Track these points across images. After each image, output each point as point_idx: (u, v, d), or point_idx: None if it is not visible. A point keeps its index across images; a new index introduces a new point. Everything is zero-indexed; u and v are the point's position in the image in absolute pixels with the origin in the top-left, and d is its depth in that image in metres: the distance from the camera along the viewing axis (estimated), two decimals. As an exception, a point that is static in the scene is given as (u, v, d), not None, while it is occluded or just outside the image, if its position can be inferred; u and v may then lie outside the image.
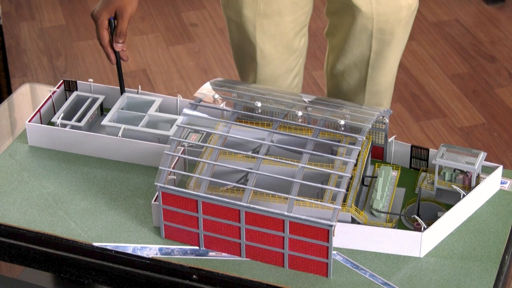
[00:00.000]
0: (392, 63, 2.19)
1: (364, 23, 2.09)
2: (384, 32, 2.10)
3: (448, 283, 1.67)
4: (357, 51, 2.15)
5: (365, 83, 2.19)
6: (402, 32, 2.14)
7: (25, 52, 3.77)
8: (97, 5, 1.97)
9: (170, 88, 3.54)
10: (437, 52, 3.72)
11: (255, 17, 2.10)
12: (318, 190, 1.78)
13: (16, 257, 1.83)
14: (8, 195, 1.87)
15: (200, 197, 1.69)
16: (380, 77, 2.19)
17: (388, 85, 2.23)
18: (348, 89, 2.22)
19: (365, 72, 2.17)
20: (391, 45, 2.14)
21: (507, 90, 3.49)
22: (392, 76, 2.22)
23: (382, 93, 2.23)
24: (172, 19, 3.98)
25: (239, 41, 2.17)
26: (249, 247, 1.71)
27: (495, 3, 4.00)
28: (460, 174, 1.82)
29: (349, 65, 2.18)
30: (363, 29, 2.10)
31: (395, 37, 2.12)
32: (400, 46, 2.17)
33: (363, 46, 2.13)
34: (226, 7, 2.14)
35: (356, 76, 2.19)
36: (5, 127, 2.17)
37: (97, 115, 2.05)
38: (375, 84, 2.20)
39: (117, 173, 1.92)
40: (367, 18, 2.08)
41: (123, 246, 1.75)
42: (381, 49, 2.14)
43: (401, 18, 2.10)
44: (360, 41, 2.13)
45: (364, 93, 2.21)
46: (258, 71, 2.18)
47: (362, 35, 2.11)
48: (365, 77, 2.18)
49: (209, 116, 1.79)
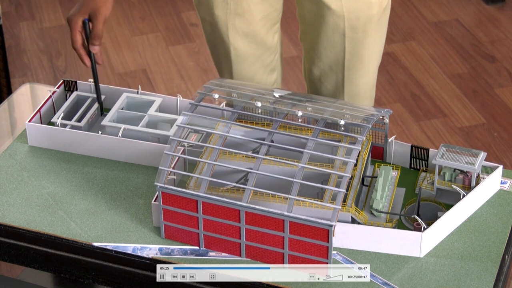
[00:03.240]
0: (368, 63, 2.17)
1: (335, 21, 2.08)
2: (357, 31, 2.10)
3: (448, 283, 1.67)
4: (331, 53, 2.14)
5: (343, 86, 2.18)
6: (375, 30, 2.12)
7: (25, 52, 3.77)
8: (72, 9, 1.97)
9: (170, 88, 3.54)
10: (437, 52, 3.72)
11: (226, 17, 2.11)
12: (318, 190, 1.78)
13: (16, 257, 1.83)
14: (8, 195, 1.87)
15: (200, 197, 1.69)
16: (358, 78, 2.18)
17: (367, 86, 2.21)
18: (327, 94, 2.22)
19: (342, 74, 2.17)
20: (365, 44, 2.13)
21: (507, 90, 3.49)
22: (370, 78, 2.20)
23: (361, 95, 2.21)
24: (172, 19, 3.98)
25: (213, 41, 2.18)
26: (249, 247, 1.71)
27: (495, 3, 4.00)
28: (460, 174, 1.82)
29: (325, 69, 2.18)
30: (335, 28, 2.09)
31: (368, 35, 2.11)
32: (375, 45, 2.16)
33: (337, 47, 2.13)
34: (199, 7, 2.16)
35: (333, 80, 2.19)
36: (5, 127, 2.17)
37: (97, 115, 2.05)
38: (353, 86, 2.19)
39: (117, 173, 1.92)
40: (337, 16, 2.07)
41: (123, 246, 1.75)
42: (355, 49, 2.13)
43: (373, 15, 2.09)
44: (333, 43, 2.12)
45: (343, 97, 2.20)
46: (233, 69, 2.19)
47: (334, 35, 2.11)
48: (342, 79, 2.17)
49: (209, 116, 1.79)
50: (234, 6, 2.09)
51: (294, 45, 3.71)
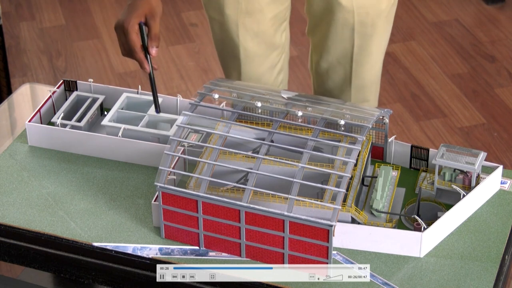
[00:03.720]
0: (376, 57, 2.18)
1: (345, 17, 2.09)
2: (366, 25, 2.10)
3: (448, 283, 1.67)
4: (340, 47, 2.15)
5: (351, 79, 2.19)
6: (383, 25, 2.13)
7: (25, 52, 3.77)
8: (122, 14, 1.88)
9: (170, 88, 3.54)
10: (437, 52, 3.72)
11: (237, 16, 2.10)
12: (318, 190, 1.78)
13: (16, 257, 1.83)
14: (8, 195, 1.87)
15: (200, 197, 1.69)
16: (365, 71, 2.19)
17: (373, 79, 2.22)
18: (334, 86, 2.22)
19: (350, 67, 2.17)
20: (374, 38, 2.14)
21: (507, 90, 3.49)
22: (377, 70, 2.22)
23: (368, 87, 2.22)
24: (172, 19, 3.98)
25: (222, 40, 2.17)
26: (249, 247, 1.71)
27: (495, 3, 4.00)
28: (460, 174, 1.82)
29: (333, 62, 2.18)
30: (345, 24, 2.10)
31: (376, 29, 2.12)
32: (383, 39, 2.17)
33: (346, 41, 2.13)
34: (208, 6, 2.14)
35: (341, 73, 2.19)
36: (5, 127, 2.17)
37: (97, 115, 2.05)
38: (361, 79, 2.19)
39: (117, 173, 1.92)
40: (347, 12, 2.08)
41: (123, 246, 1.75)
42: (364, 43, 2.14)
43: (382, 10, 2.10)
44: (342, 37, 2.13)
45: (350, 89, 2.21)
46: (242, 69, 2.18)
47: (344, 30, 2.11)
48: (350, 72, 2.18)
49: (209, 116, 1.79)
50: (245, 5, 2.09)
51: (294, 45, 3.71)
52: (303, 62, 3.63)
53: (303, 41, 3.71)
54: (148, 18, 1.88)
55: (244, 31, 2.13)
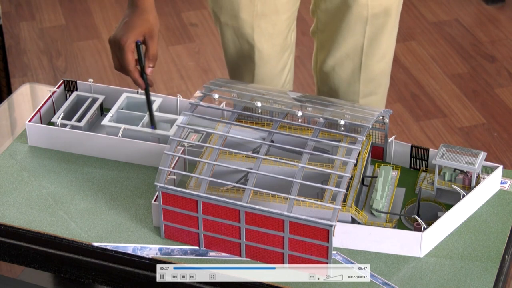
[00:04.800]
0: (385, 47, 2.17)
1: (359, 11, 2.08)
2: (378, 17, 2.10)
3: (448, 283, 1.67)
4: (351, 41, 2.14)
5: (360, 72, 2.18)
6: (394, 15, 2.14)
7: (25, 52, 3.77)
8: (118, 29, 1.89)
9: (170, 88, 3.54)
10: (437, 52, 3.72)
11: (252, 19, 2.09)
12: (318, 190, 1.78)
13: (16, 257, 1.83)
14: (8, 195, 1.87)
15: (200, 197, 1.69)
16: (375, 63, 2.17)
17: (382, 71, 2.20)
18: (340, 82, 2.21)
19: (359, 61, 2.16)
20: (384, 29, 2.13)
21: (507, 90, 3.49)
22: (386, 63, 2.20)
23: (376, 80, 2.21)
24: (172, 19, 3.98)
25: (234, 44, 2.16)
26: (249, 247, 1.71)
27: (495, 3, 4.00)
28: (460, 174, 1.82)
29: (341, 58, 2.17)
30: (358, 18, 2.10)
31: (388, 20, 2.12)
32: (393, 29, 2.17)
33: (357, 35, 2.12)
34: (219, 13, 2.12)
35: (348, 68, 2.18)
36: (5, 127, 2.17)
37: (97, 115, 2.05)
38: (370, 71, 2.18)
39: (117, 173, 1.92)
40: (362, 6, 2.08)
41: (123, 246, 1.75)
42: (375, 35, 2.13)
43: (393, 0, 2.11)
44: (354, 31, 2.12)
45: (358, 84, 2.19)
46: (256, 71, 2.17)
47: (356, 24, 2.11)
48: (359, 66, 2.16)
49: (209, 116, 1.79)
50: (261, 7, 2.07)
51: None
52: (303, 62, 3.63)
53: (303, 41, 3.71)
54: (147, 37, 1.89)
55: (259, 33, 2.11)
